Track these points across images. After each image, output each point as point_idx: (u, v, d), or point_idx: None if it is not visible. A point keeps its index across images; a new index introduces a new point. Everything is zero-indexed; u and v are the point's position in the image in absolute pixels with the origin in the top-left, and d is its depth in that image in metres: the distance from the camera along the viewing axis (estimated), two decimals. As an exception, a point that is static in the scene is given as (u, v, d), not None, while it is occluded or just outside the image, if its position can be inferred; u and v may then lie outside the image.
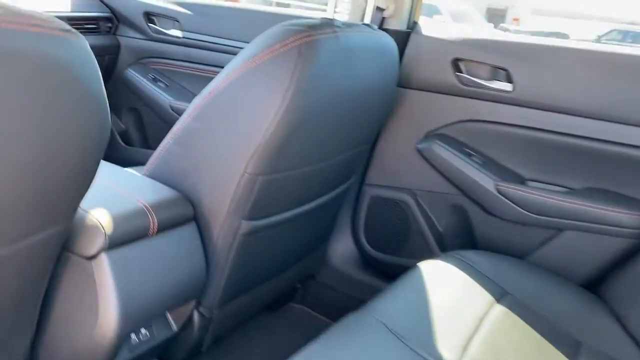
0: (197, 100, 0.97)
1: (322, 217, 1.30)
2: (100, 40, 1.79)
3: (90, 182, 0.69)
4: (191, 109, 0.98)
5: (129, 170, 1.05)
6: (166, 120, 1.79)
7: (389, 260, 1.52)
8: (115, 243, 0.82)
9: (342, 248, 1.56)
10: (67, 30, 0.58)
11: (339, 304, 1.56)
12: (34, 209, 0.60)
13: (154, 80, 1.81)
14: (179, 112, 1.75)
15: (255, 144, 0.92)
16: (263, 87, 0.91)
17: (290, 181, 1.04)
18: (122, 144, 1.93)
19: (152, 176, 1.01)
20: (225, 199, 0.96)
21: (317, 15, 1.87)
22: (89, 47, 0.62)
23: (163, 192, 0.95)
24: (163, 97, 1.78)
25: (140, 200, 0.89)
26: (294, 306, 1.59)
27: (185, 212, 0.96)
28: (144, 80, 1.82)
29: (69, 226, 0.72)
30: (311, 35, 0.92)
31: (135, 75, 1.84)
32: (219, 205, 0.97)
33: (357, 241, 1.56)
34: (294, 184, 1.06)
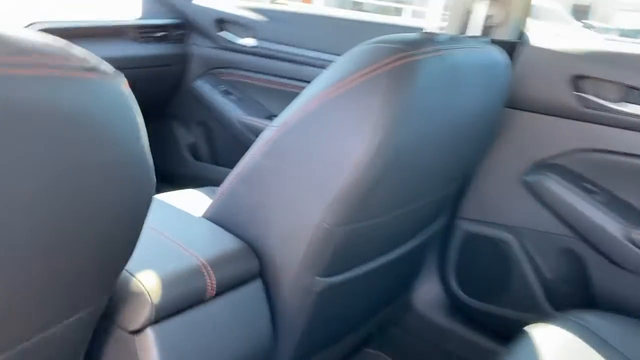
0: (269, 133, 0.81)
1: (409, 263, 1.11)
2: (169, 49, 1.68)
3: (130, 253, 0.54)
4: (261, 143, 0.81)
5: (184, 208, 0.90)
6: (235, 136, 1.65)
7: (484, 309, 1.30)
8: (164, 314, 0.67)
9: (427, 290, 1.36)
10: (95, 70, 0.43)
11: (421, 352, 1.37)
12: (42, 303, 0.45)
13: (225, 93, 1.68)
14: (249, 128, 1.61)
15: (336, 190, 0.74)
16: (349, 121, 0.73)
17: (375, 229, 0.85)
18: (190, 158, 1.82)
19: (213, 219, 0.86)
20: (297, 252, 0.80)
21: (401, 19, 1.66)
22: (126, 88, 0.46)
23: (224, 243, 0.79)
24: (233, 111, 1.64)
25: (197, 255, 0.74)
26: (369, 352, 1.41)
27: (249, 268, 0.79)
28: (214, 92, 1.69)
29: (103, 302, 0.57)
30: (410, 55, 0.73)
31: (204, 87, 1.71)
32: (290, 259, 0.80)
33: (445, 283, 1.35)
34: (379, 232, 0.88)
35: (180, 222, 0.82)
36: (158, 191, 1.38)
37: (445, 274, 1.34)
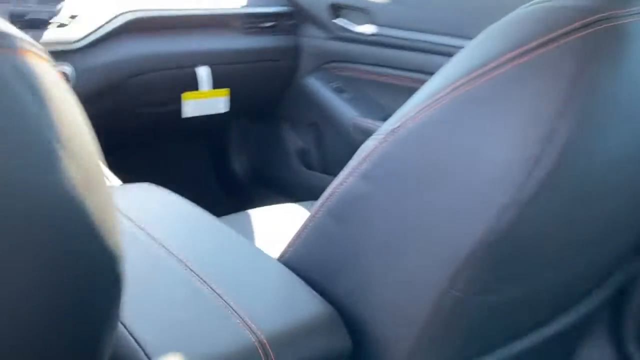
0: (371, 146, 0.55)
1: (577, 333, 0.78)
2: (279, 41, 1.48)
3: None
4: (359, 159, 0.55)
5: (261, 239, 0.67)
6: (349, 141, 1.40)
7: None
8: None
9: (594, 353, 1.01)
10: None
11: None
12: None
13: (338, 90, 1.44)
14: (364, 132, 1.35)
15: (476, 238, 0.46)
16: (503, 124, 0.45)
17: (533, 296, 0.56)
18: (298, 165, 1.60)
19: (291, 264, 0.61)
20: (411, 328, 0.52)
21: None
22: (46, 69, 0.23)
23: (299, 306, 0.54)
24: (346, 111, 1.40)
25: (253, 325, 0.49)
26: None
27: (336, 346, 0.53)
28: (326, 89, 1.46)
29: None
30: (614, 16, 0.42)
31: (316, 84, 1.48)
32: (399, 337, 0.53)
33: (620, 348, 0.98)
34: (536, 299, 0.57)
35: (242, 267, 0.59)
36: (259, 201, 1.18)
37: (621, 335, 0.98)
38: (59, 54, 1.09)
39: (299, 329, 0.51)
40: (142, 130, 1.41)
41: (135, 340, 0.45)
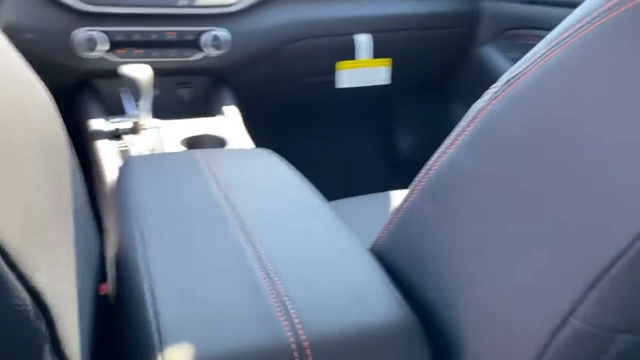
0: (478, 105, 0.41)
1: None
2: (453, 5, 1.31)
3: None
4: (462, 125, 0.41)
5: (341, 229, 0.55)
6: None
7: None
8: None
9: None
10: None
11: None
12: None
13: (516, 62, 1.23)
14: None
15: (620, 244, 0.30)
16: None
17: None
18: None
19: (381, 255, 0.49)
20: (514, 357, 0.37)
21: None
22: None
23: (369, 312, 0.42)
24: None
25: (298, 327, 0.39)
26: None
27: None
28: (505, 61, 1.26)
29: None
30: None
31: (493, 55, 1.29)
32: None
33: None
34: None
35: (319, 255, 0.48)
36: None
37: None
38: (215, 18, 1.09)
39: (355, 338, 0.39)
40: (297, 101, 1.37)
41: (156, 318, 0.38)
